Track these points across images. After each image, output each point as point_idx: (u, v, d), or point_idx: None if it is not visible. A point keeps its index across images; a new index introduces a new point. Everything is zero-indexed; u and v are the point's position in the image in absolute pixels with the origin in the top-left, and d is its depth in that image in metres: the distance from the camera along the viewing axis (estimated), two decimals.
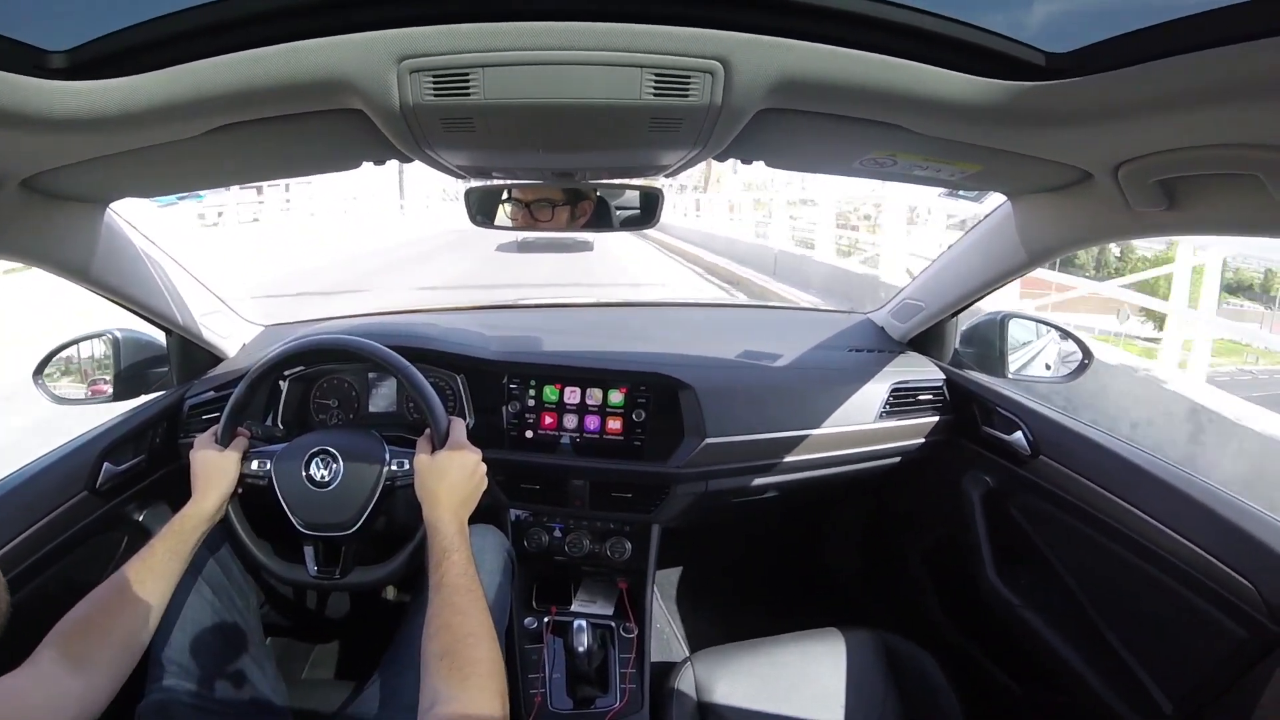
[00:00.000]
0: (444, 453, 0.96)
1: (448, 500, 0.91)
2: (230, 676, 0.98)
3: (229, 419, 1.03)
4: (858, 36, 0.58)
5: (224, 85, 0.59)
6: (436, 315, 1.74)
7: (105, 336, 1.28)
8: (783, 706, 1.12)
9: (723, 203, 15.08)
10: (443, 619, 0.77)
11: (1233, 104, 0.55)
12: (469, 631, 0.76)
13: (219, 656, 0.98)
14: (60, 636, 0.75)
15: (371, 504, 0.99)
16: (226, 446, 1.01)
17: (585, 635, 1.23)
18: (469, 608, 0.79)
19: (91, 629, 0.77)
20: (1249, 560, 0.88)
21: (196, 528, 0.92)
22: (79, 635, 0.76)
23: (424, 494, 0.93)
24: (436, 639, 0.75)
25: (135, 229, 1.12)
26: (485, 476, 0.99)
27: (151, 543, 0.88)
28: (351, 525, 0.99)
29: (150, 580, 0.84)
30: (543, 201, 1.07)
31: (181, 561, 0.89)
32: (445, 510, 0.90)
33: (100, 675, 0.75)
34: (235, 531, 1.01)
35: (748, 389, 1.37)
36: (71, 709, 0.70)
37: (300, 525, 0.99)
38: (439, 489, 0.92)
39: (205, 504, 0.95)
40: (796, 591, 1.95)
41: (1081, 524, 1.13)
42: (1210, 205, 0.75)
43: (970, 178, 0.92)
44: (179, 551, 0.89)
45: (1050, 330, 1.44)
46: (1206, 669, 0.93)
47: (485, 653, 0.74)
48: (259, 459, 1.02)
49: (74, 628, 0.77)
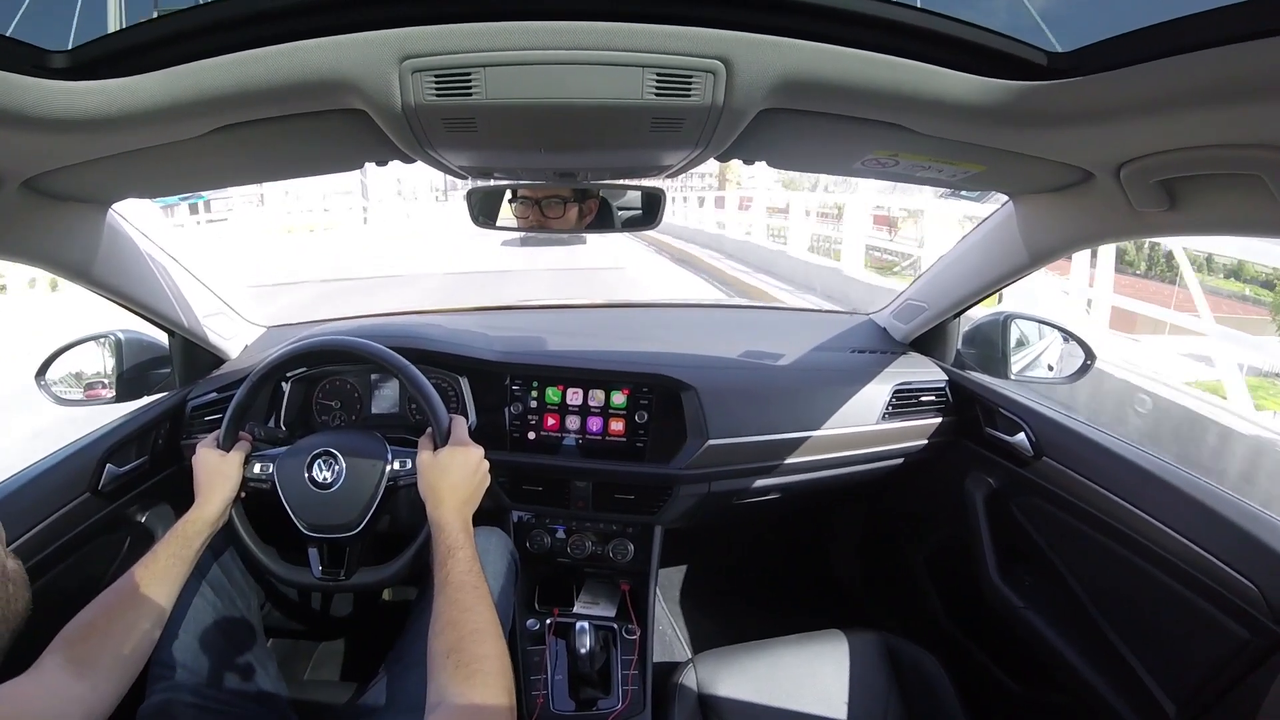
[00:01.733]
0: (446, 450, 0.96)
1: (451, 498, 0.91)
2: (232, 677, 0.98)
3: (231, 422, 1.03)
4: (860, 36, 0.58)
5: (225, 85, 0.59)
6: (439, 316, 1.75)
7: (108, 338, 1.29)
8: (785, 708, 1.12)
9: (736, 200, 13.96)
10: (448, 616, 0.77)
11: (1235, 104, 0.55)
12: (475, 628, 0.75)
13: (221, 658, 0.98)
14: (65, 642, 0.75)
15: (375, 504, 0.99)
16: (229, 450, 1.01)
17: (588, 637, 1.22)
18: (475, 604, 0.78)
19: (95, 634, 0.77)
20: (1252, 561, 0.88)
21: (200, 533, 0.92)
22: (83, 640, 0.76)
23: (427, 492, 0.92)
24: (442, 636, 0.75)
25: (138, 230, 1.12)
26: (488, 474, 0.99)
27: (155, 548, 0.88)
28: (355, 526, 0.99)
29: (154, 585, 0.84)
30: (553, 199, 1.07)
31: (186, 566, 0.89)
32: (449, 508, 0.89)
33: (105, 680, 0.75)
34: (239, 535, 1.01)
35: (750, 390, 1.37)
36: (76, 714, 0.70)
37: (304, 528, 0.99)
38: (442, 486, 0.92)
39: (208, 509, 0.95)
40: (799, 593, 1.95)
41: (1084, 525, 1.13)
42: (1212, 205, 0.75)
43: (972, 178, 0.92)
44: (183, 556, 0.89)
45: (1053, 331, 1.43)
46: (1209, 670, 0.93)
47: (492, 649, 0.74)
48: (261, 462, 1.02)
49: (79, 633, 0.77)
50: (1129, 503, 1.04)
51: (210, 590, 1.01)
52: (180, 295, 1.26)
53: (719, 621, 1.79)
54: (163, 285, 1.21)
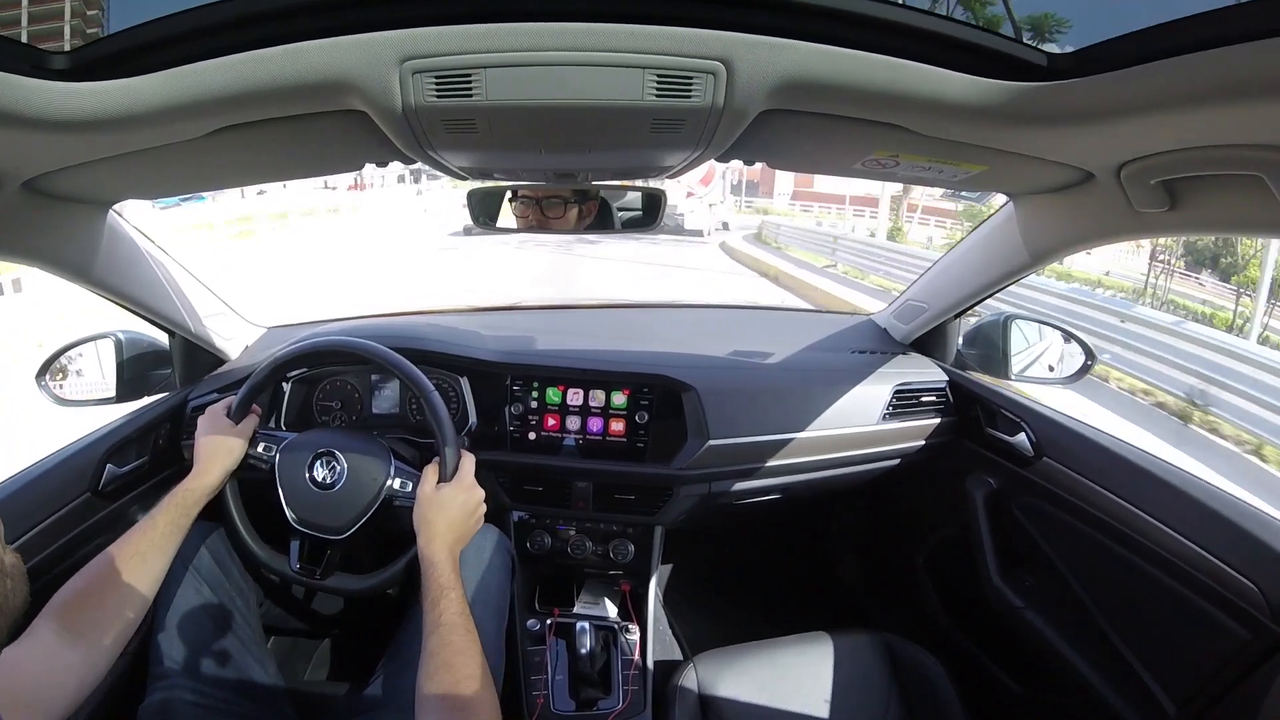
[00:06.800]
0: (449, 488, 0.96)
1: (445, 536, 0.91)
2: (231, 676, 0.98)
3: (246, 395, 1.04)
4: (860, 37, 0.58)
5: (226, 86, 0.59)
6: (439, 317, 1.75)
7: (108, 338, 1.29)
8: (785, 708, 1.12)
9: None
10: (442, 658, 0.77)
11: (1235, 104, 0.55)
12: (469, 674, 0.76)
13: (220, 657, 0.98)
14: (58, 608, 0.75)
15: (367, 516, 1.00)
16: (238, 423, 1.02)
17: (588, 637, 1.23)
18: (468, 647, 0.79)
19: (90, 601, 0.77)
20: (1252, 562, 0.88)
21: (199, 502, 0.93)
22: (78, 607, 0.76)
23: (421, 524, 0.93)
24: (436, 679, 0.75)
25: (139, 230, 1.12)
26: (482, 518, 1.00)
27: (153, 515, 0.89)
28: (342, 531, 1.00)
29: (151, 553, 0.85)
30: (554, 199, 1.08)
31: (180, 534, 0.90)
32: (441, 546, 0.90)
33: (98, 647, 0.75)
34: (228, 510, 1.02)
35: (751, 390, 1.37)
36: (70, 682, 0.70)
37: (293, 519, 1.00)
38: (438, 523, 0.92)
39: (208, 478, 0.95)
40: (800, 593, 1.95)
41: (1085, 525, 1.13)
42: (1213, 206, 0.75)
43: (973, 178, 0.92)
44: (180, 525, 0.90)
45: (1054, 331, 1.43)
46: (1210, 670, 0.93)
47: (486, 695, 0.76)
48: (266, 442, 1.03)
49: (73, 599, 0.76)
50: (1129, 503, 1.05)
51: (209, 589, 1.02)
52: (181, 296, 1.27)
53: (719, 621, 1.79)
54: (163, 286, 1.21)
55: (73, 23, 0.77)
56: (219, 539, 1.07)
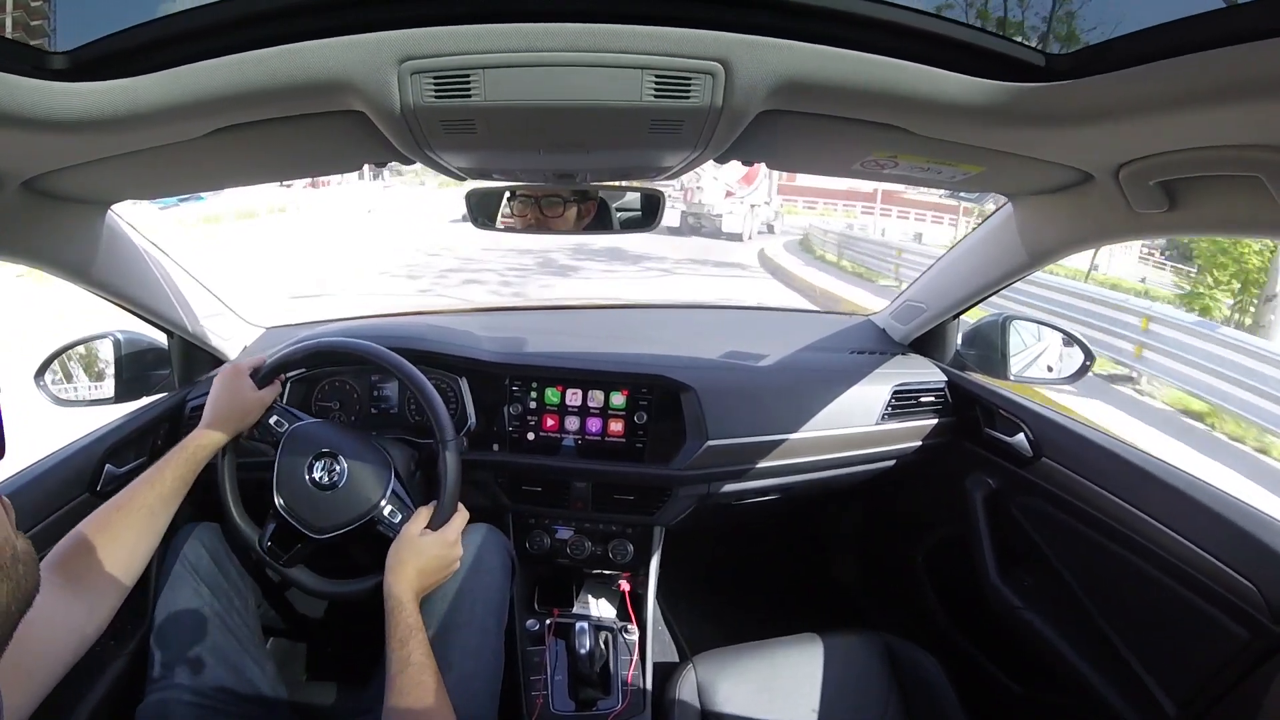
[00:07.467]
0: (434, 537, 0.97)
1: (412, 580, 0.92)
2: (230, 677, 0.97)
3: (276, 366, 1.06)
4: (859, 37, 0.58)
5: (225, 86, 0.59)
6: (438, 317, 1.75)
7: (107, 338, 1.29)
8: (785, 709, 1.12)
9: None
10: (413, 698, 0.79)
11: (1233, 105, 0.55)
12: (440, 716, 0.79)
13: (219, 658, 0.98)
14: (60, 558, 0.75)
15: (349, 528, 1.01)
16: (261, 389, 1.04)
17: (587, 637, 1.23)
18: (436, 688, 0.81)
19: (93, 551, 0.77)
20: (1251, 562, 0.88)
21: (207, 457, 0.94)
22: (79, 556, 0.76)
23: (395, 562, 0.93)
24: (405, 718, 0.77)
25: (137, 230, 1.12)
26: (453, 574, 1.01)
27: (160, 467, 0.89)
28: (321, 533, 1.01)
29: (158, 504, 0.86)
30: (553, 198, 1.08)
31: (185, 489, 0.91)
32: (408, 587, 0.91)
33: (99, 599, 0.75)
34: (220, 470, 1.04)
35: (750, 391, 1.37)
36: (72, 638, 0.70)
37: (280, 504, 1.01)
38: (410, 564, 0.93)
39: (218, 435, 0.96)
40: (799, 593, 1.95)
41: (1084, 526, 1.13)
42: (1212, 206, 0.75)
43: (971, 179, 0.92)
44: (186, 479, 0.90)
45: (1053, 332, 1.43)
46: (1209, 671, 0.93)
47: None
48: (280, 416, 1.06)
49: (74, 549, 0.77)
50: (1128, 503, 1.05)
51: (207, 590, 1.01)
52: (179, 296, 1.26)
53: (718, 622, 1.79)
54: (162, 286, 1.21)
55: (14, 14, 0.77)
56: (218, 540, 1.07)
